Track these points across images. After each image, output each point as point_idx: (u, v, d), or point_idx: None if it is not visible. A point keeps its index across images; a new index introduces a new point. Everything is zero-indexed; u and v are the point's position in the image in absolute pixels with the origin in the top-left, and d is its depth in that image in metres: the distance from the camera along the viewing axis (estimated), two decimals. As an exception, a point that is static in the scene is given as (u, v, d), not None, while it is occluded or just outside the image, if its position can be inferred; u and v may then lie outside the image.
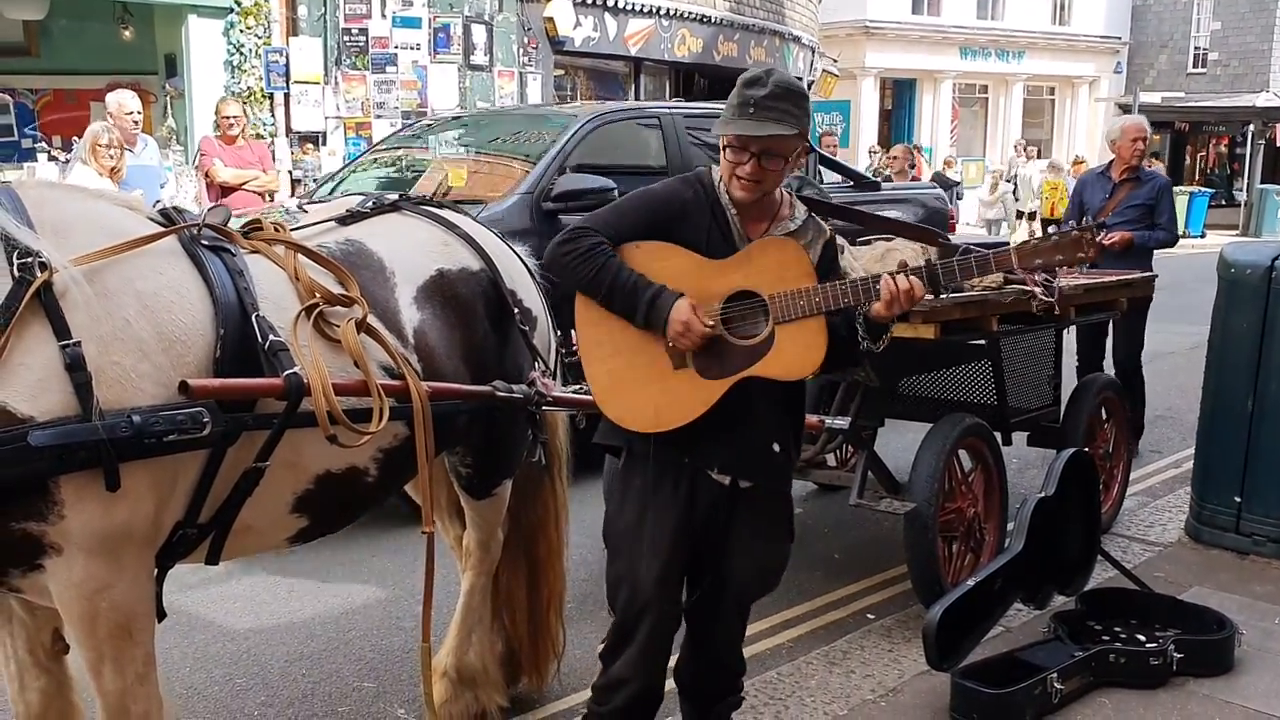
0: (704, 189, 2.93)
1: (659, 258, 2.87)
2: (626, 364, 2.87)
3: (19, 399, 2.31)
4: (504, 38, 11.70)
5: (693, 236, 2.88)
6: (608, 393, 2.90)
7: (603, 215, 2.97)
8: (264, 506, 2.78)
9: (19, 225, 2.41)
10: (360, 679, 4.18)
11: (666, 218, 2.90)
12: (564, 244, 2.86)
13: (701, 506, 2.96)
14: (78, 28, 11.29)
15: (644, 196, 2.99)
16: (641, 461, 2.95)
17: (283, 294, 2.81)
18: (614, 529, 3.04)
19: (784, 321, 2.82)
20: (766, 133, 2.76)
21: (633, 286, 2.80)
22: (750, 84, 2.80)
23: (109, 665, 2.57)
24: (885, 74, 29.84)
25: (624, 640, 2.99)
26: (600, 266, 2.80)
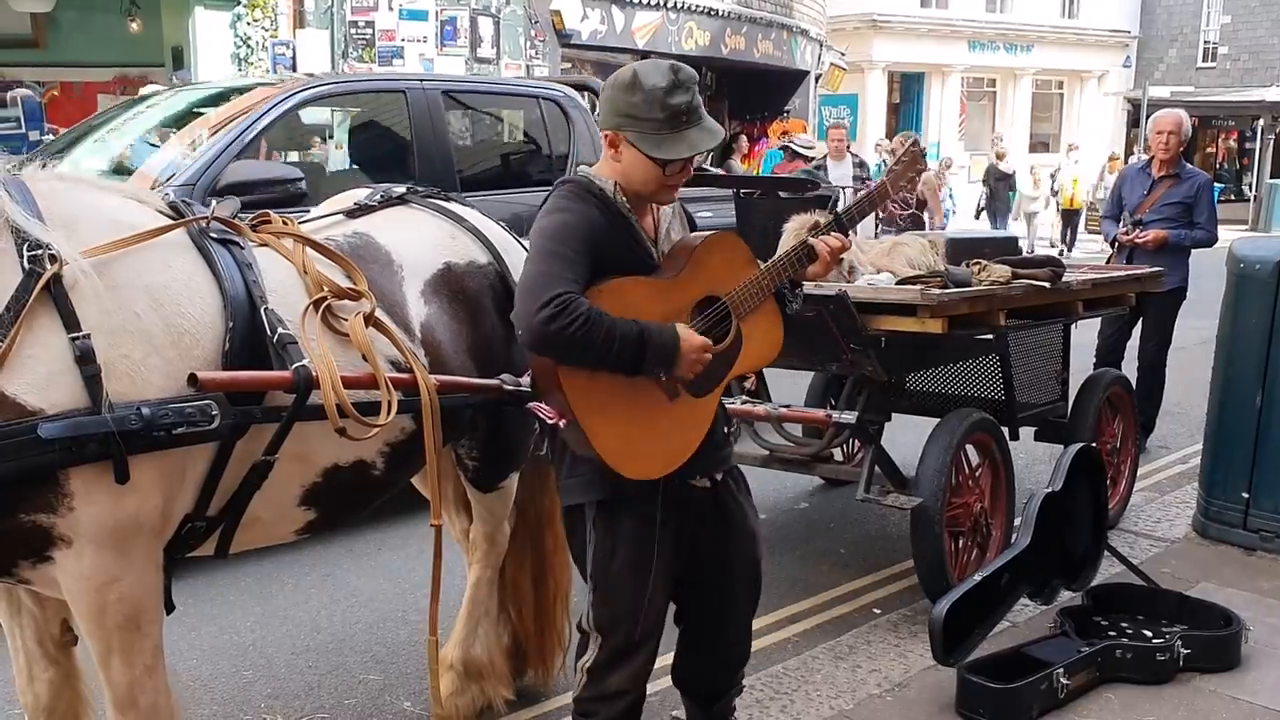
0: (603, 202, 2.75)
1: (622, 294, 2.68)
2: (629, 418, 2.72)
3: (29, 391, 2.32)
4: (510, 30, 11.69)
5: (619, 256, 2.74)
6: (624, 455, 2.71)
7: (555, 270, 2.60)
8: (272, 499, 2.79)
9: (29, 217, 2.42)
10: (367, 672, 4.19)
11: (597, 246, 2.68)
12: (555, 319, 2.53)
13: (689, 522, 2.92)
14: (84, 20, 11.29)
15: (569, 233, 2.68)
16: (632, 504, 2.81)
17: (291, 287, 2.81)
18: (609, 572, 2.86)
19: (744, 315, 2.85)
20: (719, 139, 2.74)
21: (636, 337, 2.61)
22: (671, 91, 2.63)
23: (117, 657, 2.58)
24: (893, 67, 29.77)
25: (624, 659, 2.91)
26: (605, 329, 2.56)
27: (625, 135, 2.69)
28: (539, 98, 6.77)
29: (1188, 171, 7.05)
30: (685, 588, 3.03)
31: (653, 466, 2.76)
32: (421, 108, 5.89)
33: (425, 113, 5.91)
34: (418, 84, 6.11)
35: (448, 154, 6.05)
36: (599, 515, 2.86)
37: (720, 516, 3.00)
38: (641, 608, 2.87)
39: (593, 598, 2.92)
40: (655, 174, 2.71)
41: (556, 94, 6.81)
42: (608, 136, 2.75)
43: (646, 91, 2.64)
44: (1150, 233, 6.72)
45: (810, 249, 2.92)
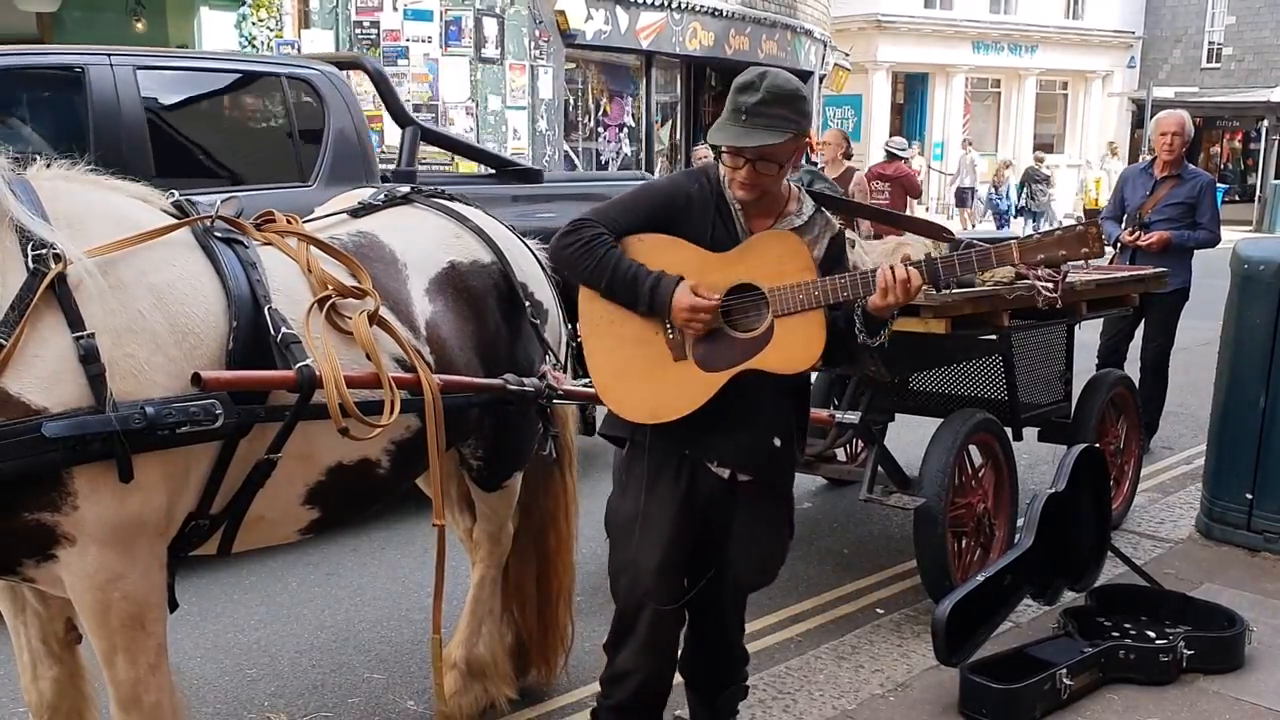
0: (709, 183, 2.93)
1: (661, 250, 2.88)
2: (628, 355, 2.89)
3: (33, 390, 2.33)
4: (515, 31, 11.69)
5: (697, 231, 2.89)
6: (608, 383, 2.93)
7: (604, 208, 2.98)
8: (276, 498, 2.79)
9: (33, 216, 2.42)
10: (370, 670, 4.19)
11: (670, 212, 2.91)
12: (565, 236, 2.88)
13: (701, 498, 2.98)
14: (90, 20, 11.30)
15: (647, 190, 3.02)
16: (641, 451, 2.97)
17: (295, 286, 2.82)
18: (615, 518, 3.06)
19: (783, 315, 2.82)
20: (756, 143, 2.75)
21: (633, 276, 2.82)
22: (743, 89, 2.77)
23: (121, 655, 2.58)
24: (897, 68, 29.78)
25: (626, 631, 3.01)
26: (600, 258, 2.82)
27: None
28: (283, 76, 5.71)
29: (1190, 172, 7.04)
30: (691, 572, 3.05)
31: (634, 409, 2.91)
32: (106, 86, 5.08)
33: (110, 91, 5.09)
34: (103, 60, 5.20)
35: (140, 138, 5.09)
36: (623, 461, 3.05)
37: (735, 512, 3.02)
38: (639, 558, 2.96)
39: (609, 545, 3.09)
40: (724, 165, 2.85)
41: (307, 72, 5.73)
42: None
43: (734, 85, 2.83)
44: (1153, 234, 6.71)
45: (872, 276, 2.79)
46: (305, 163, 5.59)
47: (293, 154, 5.69)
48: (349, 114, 5.71)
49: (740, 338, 2.85)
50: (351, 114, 5.72)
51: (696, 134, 16.06)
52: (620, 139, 14.26)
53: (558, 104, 12.25)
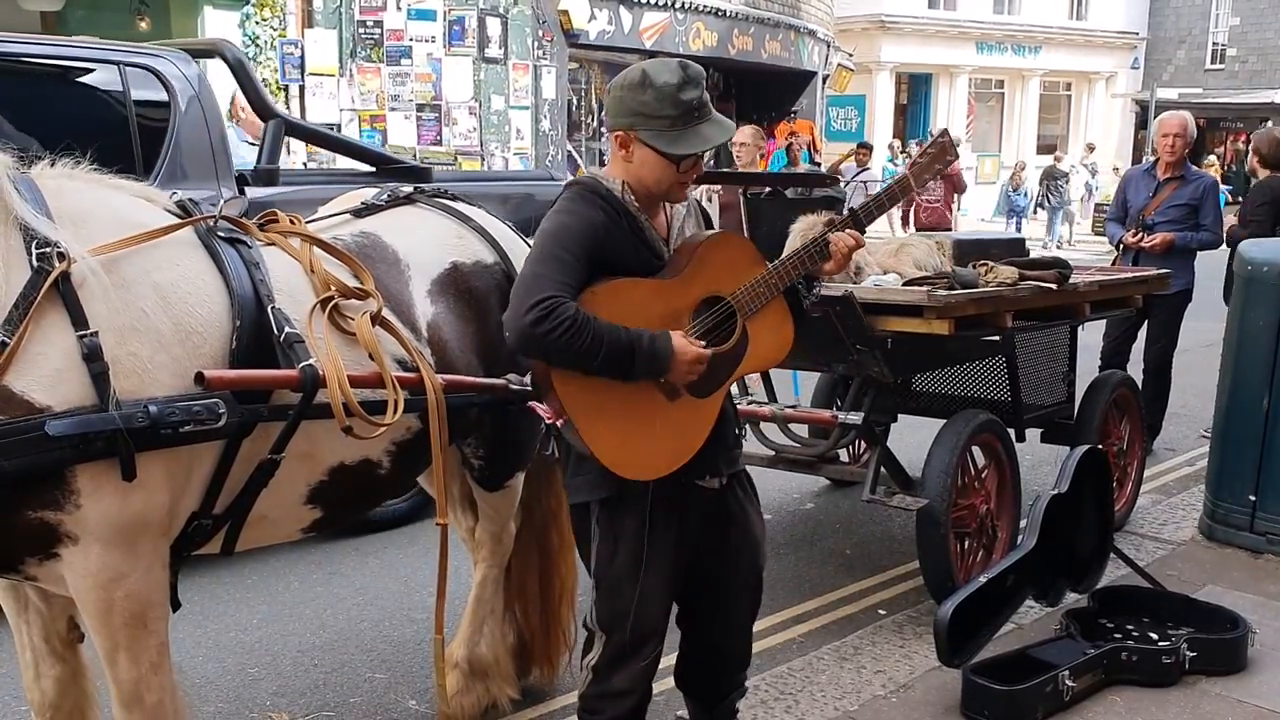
0: (609, 203, 2.75)
1: (617, 297, 2.68)
2: (626, 416, 2.71)
3: (36, 388, 2.33)
4: (519, 31, 11.68)
5: (624, 257, 2.74)
6: (622, 457, 2.72)
7: (546, 273, 2.61)
8: (279, 497, 2.79)
9: (37, 215, 2.42)
10: (372, 670, 4.19)
11: (597, 249, 2.68)
12: (541, 323, 2.53)
13: (695, 521, 2.92)
14: (93, 19, 11.32)
15: (568, 236, 2.68)
16: (634, 501, 2.81)
17: (298, 286, 2.82)
18: (611, 571, 2.88)
19: (750, 315, 2.83)
20: (732, 133, 2.73)
21: (627, 345, 2.60)
22: (684, 87, 2.65)
23: (124, 654, 2.58)
24: (901, 68, 29.77)
25: (629, 658, 2.92)
26: (591, 335, 2.56)
27: (637, 134, 2.70)
28: (121, 65, 5.00)
29: (1193, 174, 7.03)
30: (687, 588, 3.03)
31: (652, 467, 2.76)
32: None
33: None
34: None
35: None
36: (602, 513, 2.87)
37: (725, 518, 3.01)
38: (643, 606, 2.88)
39: (596, 595, 2.94)
40: (669, 171, 2.73)
41: (151, 61, 5.09)
42: (618, 137, 2.75)
43: (658, 89, 2.66)
44: (1157, 236, 6.70)
45: (824, 245, 2.91)
46: (147, 158, 4.98)
47: (132, 149, 4.95)
48: (200, 106, 5.12)
49: (721, 352, 2.81)
50: (204, 106, 5.14)
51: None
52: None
53: (561, 104, 12.24)
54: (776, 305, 2.88)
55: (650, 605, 2.89)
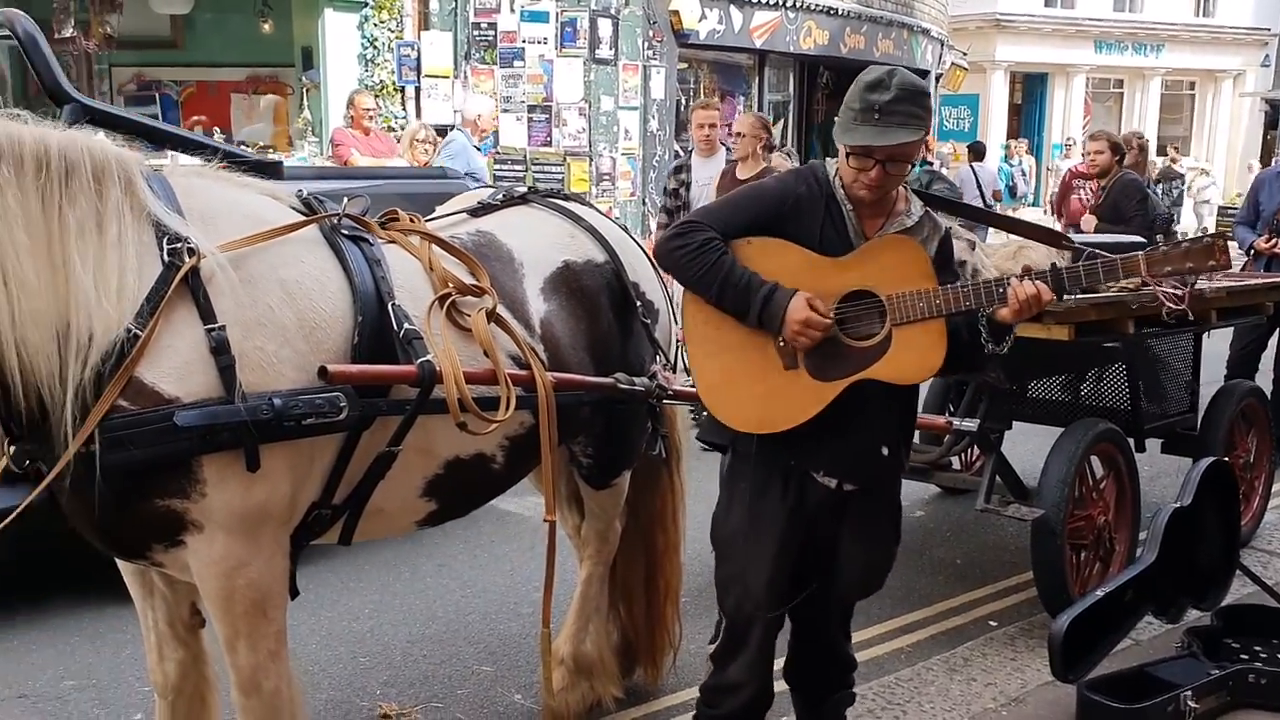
0: (818, 184, 2.84)
1: (771, 254, 2.79)
2: (735, 361, 2.80)
3: (166, 380, 2.40)
4: (629, 31, 11.71)
5: (805, 233, 2.80)
6: (714, 390, 2.85)
7: (713, 209, 2.94)
8: (395, 490, 2.84)
9: (169, 211, 2.50)
10: (479, 663, 4.24)
11: (779, 213, 2.81)
12: (674, 239, 2.81)
13: (808, 508, 2.91)
14: (220, 21, 11.69)
15: (756, 191, 2.94)
16: (745, 462, 2.90)
17: (417, 284, 2.86)
18: (721, 532, 3.00)
19: (902, 323, 2.74)
20: (893, 141, 2.67)
21: (745, 284, 2.72)
22: (873, 87, 2.68)
23: (243, 641, 2.65)
24: (1015, 67, 29.11)
25: (738, 645, 2.97)
26: (712, 263, 2.73)
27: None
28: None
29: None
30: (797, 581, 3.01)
31: (738, 417, 2.84)
32: None
33: None
34: None
35: None
36: (727, 469, 2.98)
37: (844, 527, 2.97)
38: (745, 573, 2.92)
39: (715, 559, 3.03)
40: (846, 163, 2.78)
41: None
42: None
43: (857, 83, 2.75)
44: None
45: (1003, 290, 2.74)
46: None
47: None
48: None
49: (855, 346, 2.77)
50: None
51: (809, 133, 15.94)
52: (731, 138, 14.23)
53: (670, 104, 12.23)
54: (934, 327, 2.76)
55: (756, 574, 2.91)
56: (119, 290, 2.38)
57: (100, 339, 2.34)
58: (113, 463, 2.34)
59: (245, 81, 12.30)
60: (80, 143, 2.43)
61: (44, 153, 2.35)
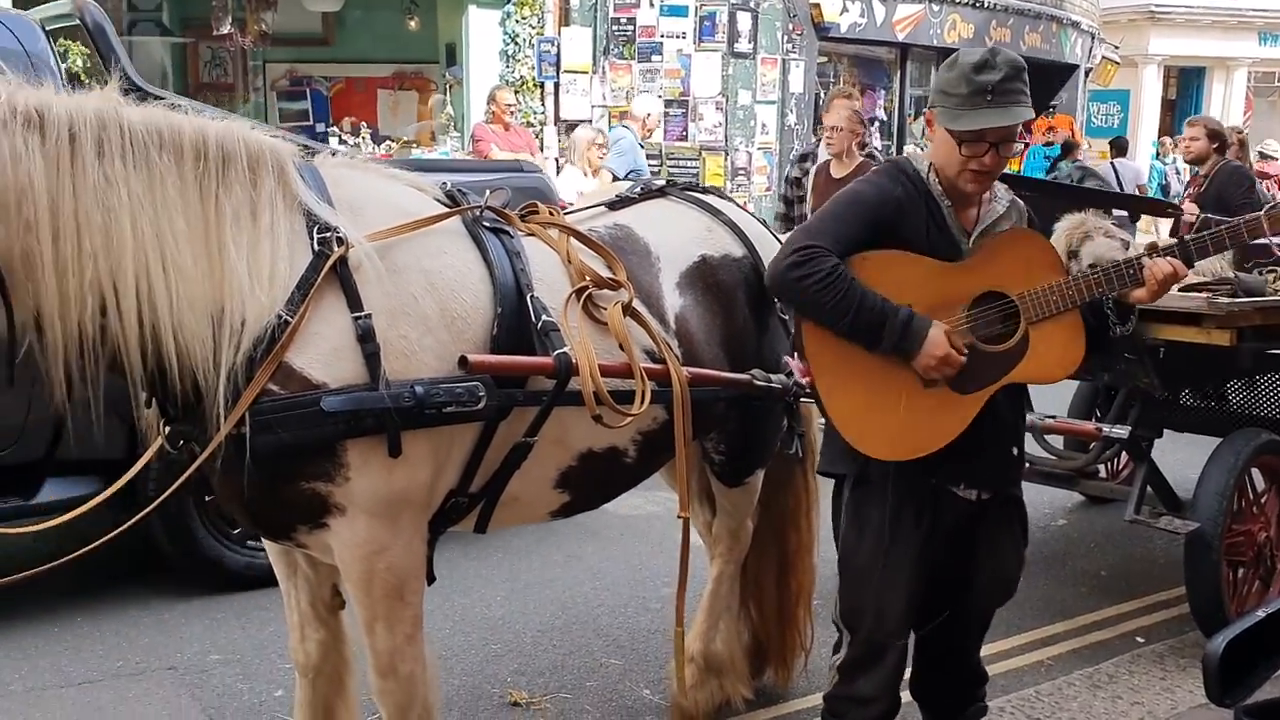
0: (912, 183, 2.74)
1: (891, 267, 2.66)
2: (869, 387, 2.67)
3: (314, 365, 2.46)
4: (769, 25, 11.61)
5: (912, 237, 2.70)
6: (852, 421, 2.70)
7: (823, 228, 2.69)
8: (530, 480, 2.86)
9: (319, 201, 2.56)
10: (608, 656, 4.25)
11: (885, 221, 2.68)
12: (798, 267, 2.60)
13: (944, 527, 2.82)
14: (369, 19, 12.01)
15: (857, 201, 2.75)
16: (879, 490, 2.78)
17: (555, 276, 2.87)
18: (854, 559, 2.87)
19: (1037, 321, 2.67)
20: (1015, 120, 2.59)
21: (880, 314, 2.58)
22: (981, 69, 2.59)
23: (381, 624, 2.70)
24: (1170, 61, 27.92)
25: (871, 663, 2.88)
26: (843, 293, 2.57)
27: (934, 112, 2.72)
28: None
29: None
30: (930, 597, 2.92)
31: (887, 448, 2.70)
32: None
33: None
34: None
35: None
36: (851, 497, 2.86)
37: (978, 539, 2.88)
38: (880, 602, 2.83)
39: (840, 586, 2.92)
40: (953, 152, 2.67)
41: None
42: (927, 116, 2.78)
43: (959, 67, 2.64)
44: None
45: (1138, 269, 2.68)
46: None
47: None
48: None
49: (993, 351, 2.68)
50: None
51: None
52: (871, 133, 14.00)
53: (808, 98, 12.08)
54: (1070, 319, 2.69)
55: (891, 604, 2.82)
56: (271, 277, 2.44)
57: (252, 324, 2.40)
58: (262, 445, 2.40)
59: (391, 78, 12.61)
60: (236, 133, 2.50)
61: (202, 143, 2.43)
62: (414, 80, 12.45)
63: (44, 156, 2.25)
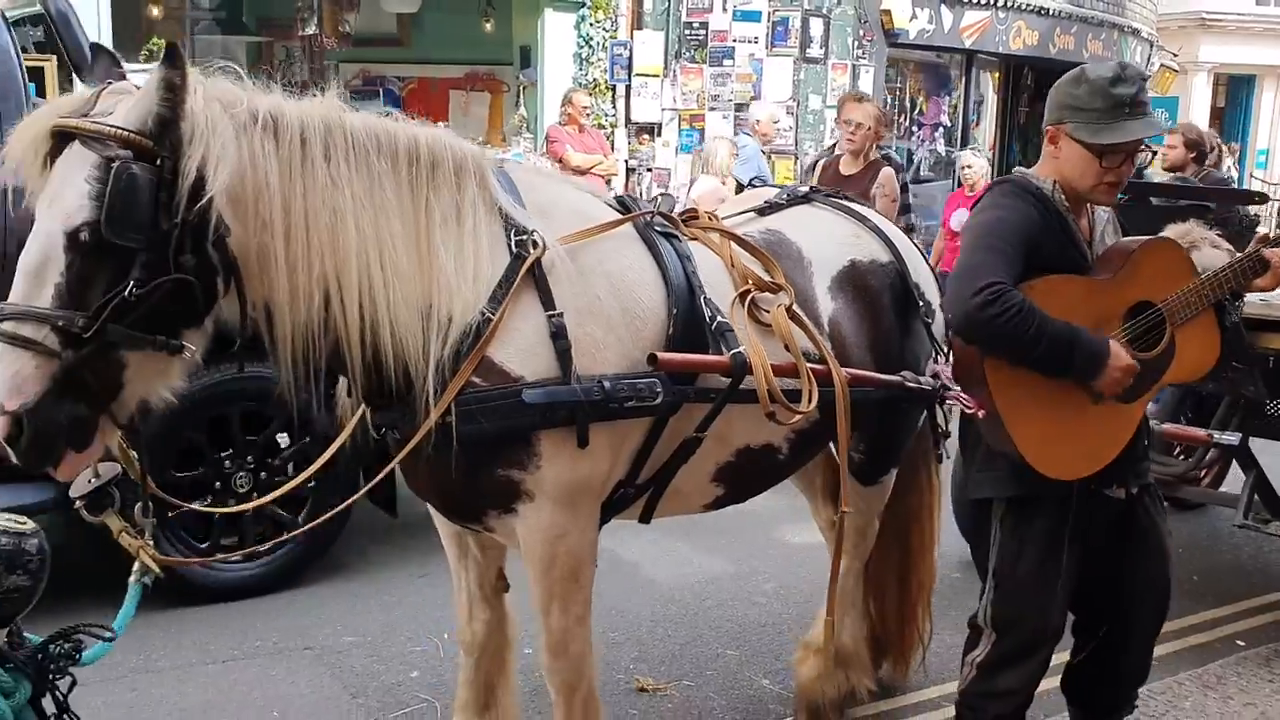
0: (1041, 201, 2.82)
1: (1055, 292, 2.75)
2: (1051, 416, 2.77)
3: (513, 360, 2.60)
4: (840, 31, 11.70)
5: (1051, 255, 2.79)
6: (1043, 454, 2.76)
7: (992, 261, 2.70)
8: (692, 473, 2.99)
9: (516, 205, 2.71)
10: (722, 646, 4.39)
11: (1032, 241, 2.76)
12: (990, 305, 2.61)
13: (1099, 530, 2.93)
14: (444, 20, 12.15)
15: (1004, 228, 2.77)
16: (1049, 505, 2.87)
17: (719, 279, 3.00)
18: (1015, 571, 2.93)
19: (1180, 324, 2.83)
20: (1155, 130, 2.77)
21: (1067, 340, 2.66)
22: (1117, 83, 2.70)
23: (556, 605, 2.85)
24: (1220, 69, 27.74)
25: (1020, 660, 2.96)
26: (1035, 325, 2.62)
27: (1065, 128, 2.79)
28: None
29: None
30: (1087, 598, 3.02)
31: (1071, 467, 2.79)
32: None
33: None
34: None
35: None
36: (1009, 512, 2.92)
37: (1131, 531, 2.99)
38: (1044, 611, 2.92)
39: (993, 595, 2.98)
40: (1092, 167, 2.76)
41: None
42: (1049, 132, 2.85)
43: (1091, 82, 2.74)
44: None
45: (1261, 260, 2.85)
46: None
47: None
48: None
49: (1148, 358, 2.82)
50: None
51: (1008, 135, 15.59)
52: (935, 138, 14.05)
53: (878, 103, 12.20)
54: (1206, 317, 2.87)
55: (1050, 612, 2.92)
56: (475, 277, 2.58)
57: (459, 320, 2.55)
58: (466, 434, 2.55)
59: (463, 79, 12.76)
60: (443, 139, 2.65)
61: (414, 147, 2.58)
62: (486, 81, 12.61)
63: (279, 159, 2.40)
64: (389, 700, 3.89)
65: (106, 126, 2.21)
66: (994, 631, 2.99)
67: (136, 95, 2.28)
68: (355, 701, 3.88)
